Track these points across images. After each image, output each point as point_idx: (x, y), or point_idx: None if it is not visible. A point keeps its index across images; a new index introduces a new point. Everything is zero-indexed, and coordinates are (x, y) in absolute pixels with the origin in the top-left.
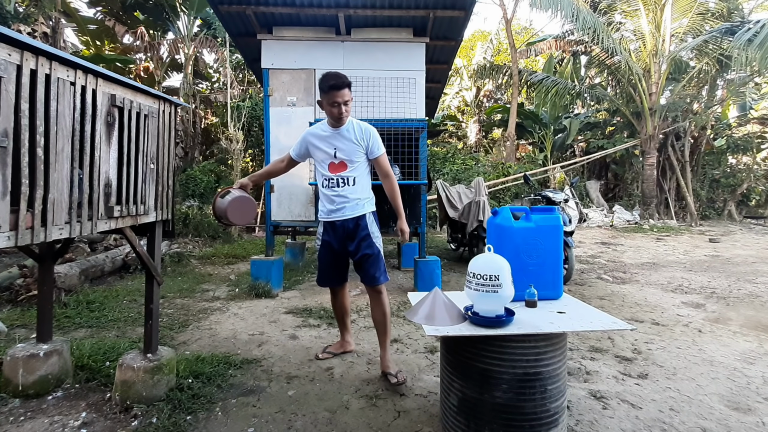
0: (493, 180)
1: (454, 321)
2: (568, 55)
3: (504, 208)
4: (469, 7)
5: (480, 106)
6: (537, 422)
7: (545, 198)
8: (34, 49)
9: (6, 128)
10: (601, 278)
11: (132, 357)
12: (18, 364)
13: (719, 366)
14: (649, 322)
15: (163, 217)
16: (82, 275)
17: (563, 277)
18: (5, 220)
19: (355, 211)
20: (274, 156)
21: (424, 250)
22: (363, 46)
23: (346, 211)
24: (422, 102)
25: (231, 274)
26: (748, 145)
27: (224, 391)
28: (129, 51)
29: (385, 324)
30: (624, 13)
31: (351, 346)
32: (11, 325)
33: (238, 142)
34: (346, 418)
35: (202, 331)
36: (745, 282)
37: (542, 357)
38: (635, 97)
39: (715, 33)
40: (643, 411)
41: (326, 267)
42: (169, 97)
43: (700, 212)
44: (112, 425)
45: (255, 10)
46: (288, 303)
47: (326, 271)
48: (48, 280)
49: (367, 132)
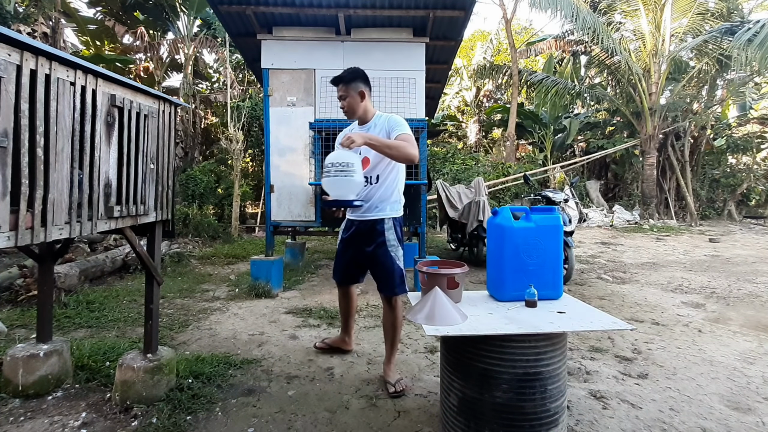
0: (493, 180)
1: (454, 321)
2: (568, 55)
3: (504, 208)
4: (469, 7)
5: (480, 106)
6: (537, 422)
7: (545, 198)
8: (34, 49)
9: (6, 128)
10: (601, 278)
11: (132, 357)
12: (18, 364)
13: (719, 366)
14: (649, 322)
15: (163, 217)
16: (82, 275)
17: (563, 277)
18: (5, 220)
19: (374, 213)
20: (274, 156)
21: (424, 250)
22: (363, 46)
23: (366, 212)
24: (422, 102)
25: (231, 274)
26: (748, 145)
27: (224, 391)
28: (129, 51)
29: (393, 334)
30: (624, 13)
31: (349, 345)
32: (11, 325)
33: (238, 142)
34: (346, 418)
35: (202, 331)
36: (745, 282)
37: (542, 357)
38: (635, 97)
39: (715, 33)
40: (643, 411)
41: (338, 262)
42: (169, 97)
43: (700, 212)
44: (112, 425)
45: (255, 10)
46: (288, 303)
47: (338, 266)
48: (48, 280)
49: (391, 120)
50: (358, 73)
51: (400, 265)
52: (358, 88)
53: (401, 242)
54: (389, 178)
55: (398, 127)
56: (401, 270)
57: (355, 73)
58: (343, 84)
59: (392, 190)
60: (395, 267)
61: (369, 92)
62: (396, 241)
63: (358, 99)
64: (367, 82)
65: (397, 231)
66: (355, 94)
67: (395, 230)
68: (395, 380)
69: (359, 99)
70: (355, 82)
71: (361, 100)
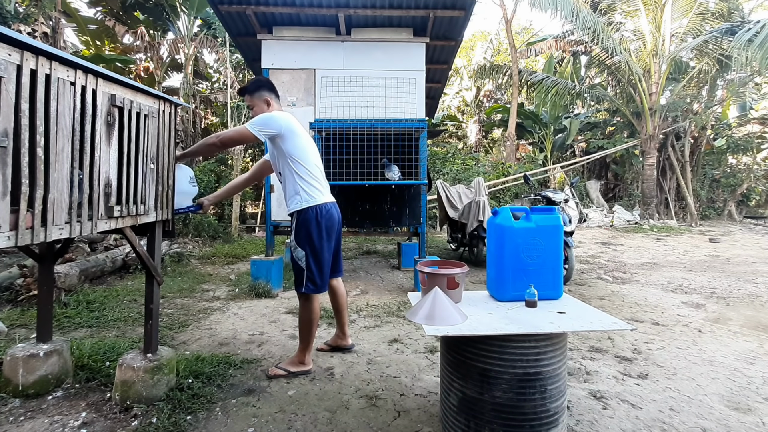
0: (493, 180)
1: (454, 321)
2: (568, 55)
3: (504, 208)
4: (469, 7)
5: (480, 106)
6: (537, 422)
7: (545, 198)
8: (34, 49)
9: (6, 128)
10: (601, 278)
11: (132, 357)
12: (18, 364)
13: (719, 366)
14: (649, 322)
15: (163, 217)
16: (82, 275)
17: (563, 277)
18: (5, 220)
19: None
20: None
21: (424, 250)
22: (363, 46)
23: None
24: (422, 102)
25: (231, 274)
26: (748, 145)
27: (224, 391)
28: (129, 51)
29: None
30: (624, 13)
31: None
32: (11, 325)
33: None
34: (346, 418)
35: (202, 331)
36: (745, 282)
37: (542, 357)
38: (635, 97)
39: (715, 33)
40: (643, 411)
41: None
42: (169, 97)
43: (700, 212)
44: (112, 425)
45: (255, 10)
46: (288, 303)
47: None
48: (48, 280)
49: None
50: (262, 83)
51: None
52: (262, 96)
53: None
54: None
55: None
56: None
57: (258, 83)
58: (248, 95)
59: (289, 185)
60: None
61: (275, 99)
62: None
63: (264, 106)
64: (272, 90)
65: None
66: (261, 102)
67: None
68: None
69: (265, 106)
70: (259, 92)
71: (267, 107)
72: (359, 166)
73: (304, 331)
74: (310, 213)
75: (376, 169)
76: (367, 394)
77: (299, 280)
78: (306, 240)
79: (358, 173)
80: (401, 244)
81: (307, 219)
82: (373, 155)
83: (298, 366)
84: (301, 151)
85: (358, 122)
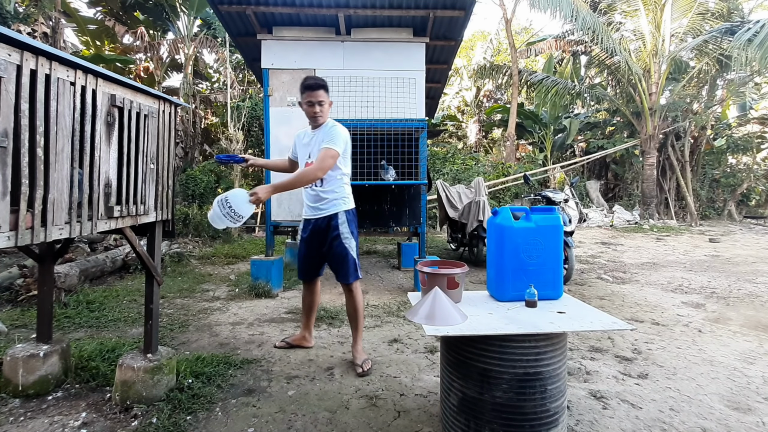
0: (493, 180)
1: (454, 321)
2: (568, 55)
3: (504, 208)
4: (469, 7)
5: (480, 106)
6: (537, 422)
7: (545, 198)
8: (34, 49)
9: (6, 128)
10: (601, 278)
11: (132, 357)
12: (18, 364)
13: (719, 366)
14: (649, 322)
15: (163, 217)
16: (82, 275)
17: (563, 277)
18: (5, 220)
19: (328, 209)
20: (274, 156)
21: (424, 250)
22: (363, 46)
23: (319, 211)
24: (422, 102)
25: (231, 274)
26: (748, 145)
27: (224, 391)
28: (129, 51)
29: (357, 318)
30: (624, 13)
31: (309, 342)
32: (11, 325)
33: (238, 142)
34: (346, 418)
35: (202, 331)
36: (745, 282)
37: (542, 357)
38: (635, 97)
39: (715, 33)
40: (643, 411)
41: (301, 261)
42: (169, 97)
43: (700, 212)
44: (112, 425)
45: (255, 10)
46: (288, 303)
47: (301, 266)
48: (48, 280)
49: (330, 129)
50: (326, 85)
51: (354, 254)
52: (328, 98)
53: (354, 234)
54: (332, 179)
55: (327, 139)
56: (354, 258)
57: (326, 83)
58: (324, 91)
59: (336, 188)
60: (350, 256)
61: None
62: (349, 233)
63: (328, 108)
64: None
65: (351, 223)
66: (329, 101)
67: (349, 223)
68: (362, 361)
69: (328, 108)
70: (327, 92)
71: (329, 108)
72: (359, 166)
73: (361, 318)
74: (352, 213)
75: (376, 169)
76: (367, 394)
77: (350, 270)
78: (355, 234)
79: (358, 173)
80: (401, 244)
81: (353, 217)
82: (373, 155)
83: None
84: (348, 159)
85: (358, 122)
